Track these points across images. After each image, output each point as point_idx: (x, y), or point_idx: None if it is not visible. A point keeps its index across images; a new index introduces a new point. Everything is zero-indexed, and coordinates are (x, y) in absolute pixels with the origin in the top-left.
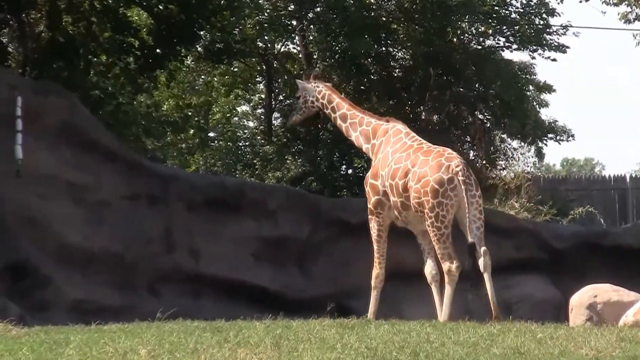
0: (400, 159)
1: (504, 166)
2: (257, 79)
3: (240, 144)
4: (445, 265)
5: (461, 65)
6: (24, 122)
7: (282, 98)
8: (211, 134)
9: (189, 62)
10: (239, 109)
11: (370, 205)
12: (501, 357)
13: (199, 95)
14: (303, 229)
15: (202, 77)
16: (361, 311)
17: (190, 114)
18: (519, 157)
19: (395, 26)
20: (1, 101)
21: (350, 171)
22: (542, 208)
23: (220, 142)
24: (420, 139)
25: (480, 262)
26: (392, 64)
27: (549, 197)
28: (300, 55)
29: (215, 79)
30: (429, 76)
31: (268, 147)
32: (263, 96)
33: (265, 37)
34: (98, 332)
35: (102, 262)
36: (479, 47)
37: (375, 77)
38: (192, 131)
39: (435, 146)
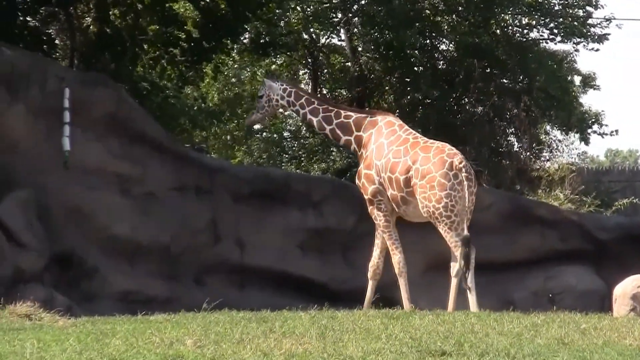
0: (398, 153)
1: (548, 158)
2: (302, 72)
3: (286, 136)
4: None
5: (505, 57)
6: (72, 114)
7: (327, 90)
8: (257, 126)
9: (234, 55)
10: None
11: (369, 196)
12: (545, 347)
13: (244, 87)
14: (348, 220)
15: (247, 69)
16: None
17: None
18: (563, 149)
19: (440, 18)
20: (50, 93)
21: None
22: (585, 199)
23: (266, 134)
24: (413, 131)
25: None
26: (436, 55)
27: (593, 188)
28: (345, 48)
29: (260, 72)
30: (473, 68)
31: (313, 139)
32: (308, 88)
33: (311, 30)
34: (144, 323)
35: (148, 253)
36: (523, 39)
37: (420, 69)
38: (235, 122)
39: (432, 141)
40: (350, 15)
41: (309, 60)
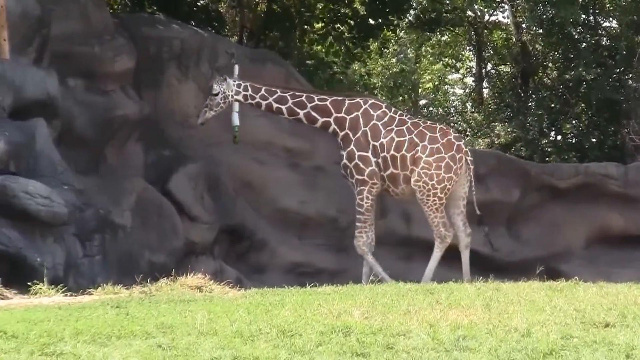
0: (401, 132)
1: None
2: (466, 48)
3: (451, 111)
4: (442, 233)
5: None
6: None
7: (490, 67)
8: (422, 102)
9: (401, 32)
10: (448, 77)
11: (364, 177)
12: None
13: (408, 63)
14: (513, 193)
15: (411, 47)
16: (570, 274)
17: (400, 82)
18: None
19: None
20: (219, 70)
21: (559, 137)
22: None
23: (432, 109)
24: (403, 112)
25: (464, 240)
26: (599, 32)
27: None
28: (508, 24)
29: (424, 49)
30: (635, 44)
31: (478, 114)
32: (472, 64)
33: (475, 6)
34: (312, 294)
35: (316, 225)
36: None
37: (582, 45)
38: (400, 98)
39: (432, 122)
40: None
41: (473, 36)
